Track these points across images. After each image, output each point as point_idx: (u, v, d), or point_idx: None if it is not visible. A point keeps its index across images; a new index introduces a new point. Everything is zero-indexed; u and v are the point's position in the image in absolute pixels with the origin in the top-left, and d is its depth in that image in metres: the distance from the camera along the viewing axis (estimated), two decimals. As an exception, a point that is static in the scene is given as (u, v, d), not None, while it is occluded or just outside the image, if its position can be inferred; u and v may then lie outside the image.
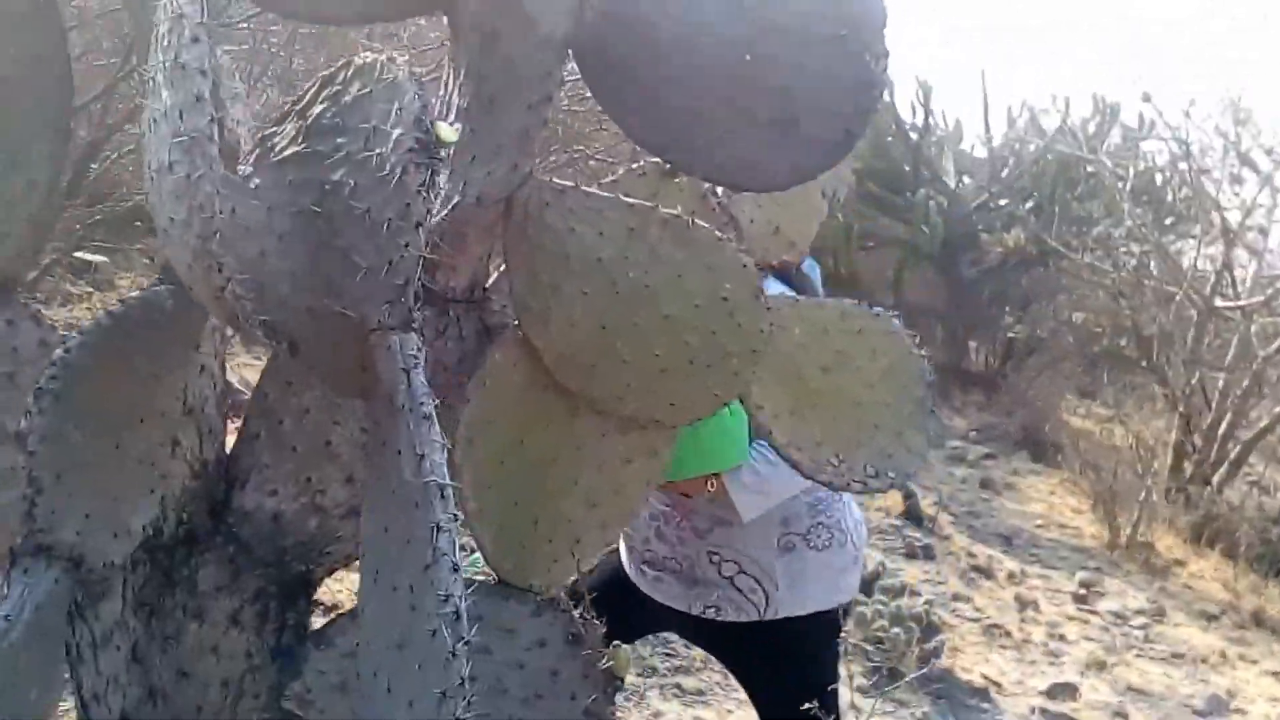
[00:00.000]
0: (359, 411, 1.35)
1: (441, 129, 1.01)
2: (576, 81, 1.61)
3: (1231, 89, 12.29)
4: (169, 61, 0.94)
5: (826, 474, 1.65)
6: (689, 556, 2.15)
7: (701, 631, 2.28)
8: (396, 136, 0.97)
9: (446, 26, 1.52)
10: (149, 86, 1.03)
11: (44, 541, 1.17)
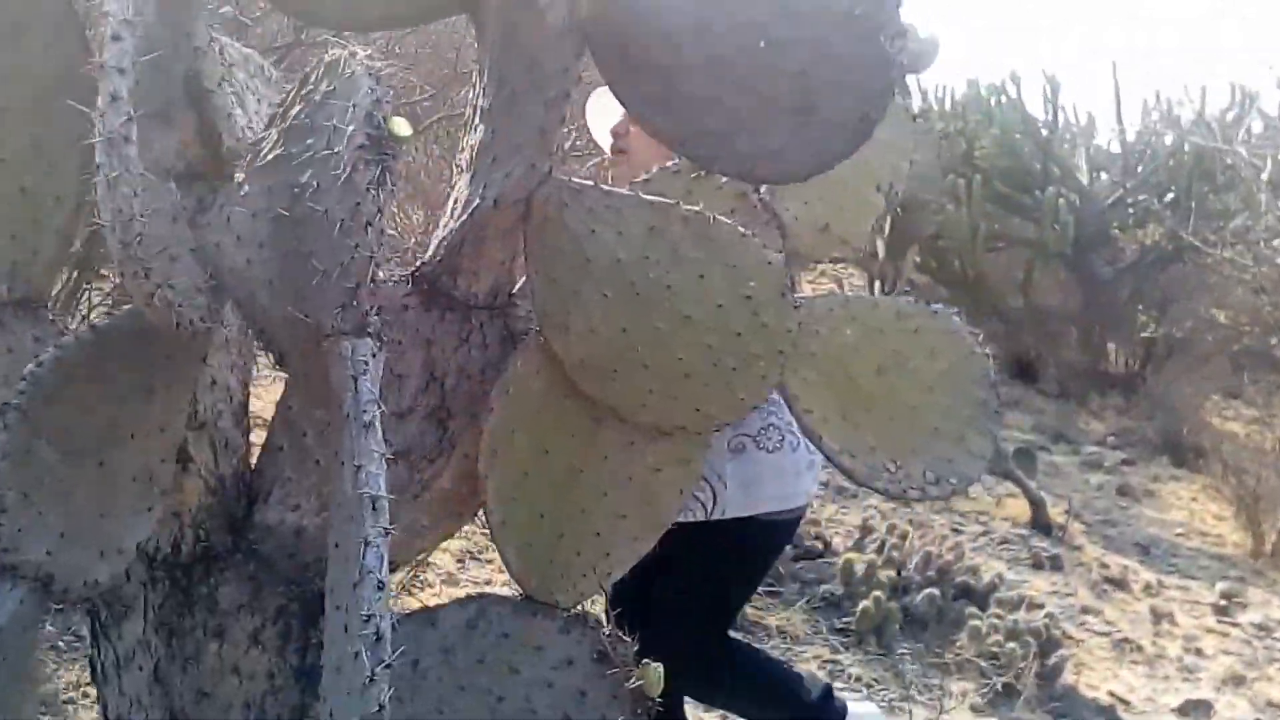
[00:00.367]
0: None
1: (395, 123, 0.96)
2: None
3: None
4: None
5: (882, 481, 1.57)
6: None
7: None
8: (349, 133, 0.93)
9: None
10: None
11: (7, 561, 1.13)
